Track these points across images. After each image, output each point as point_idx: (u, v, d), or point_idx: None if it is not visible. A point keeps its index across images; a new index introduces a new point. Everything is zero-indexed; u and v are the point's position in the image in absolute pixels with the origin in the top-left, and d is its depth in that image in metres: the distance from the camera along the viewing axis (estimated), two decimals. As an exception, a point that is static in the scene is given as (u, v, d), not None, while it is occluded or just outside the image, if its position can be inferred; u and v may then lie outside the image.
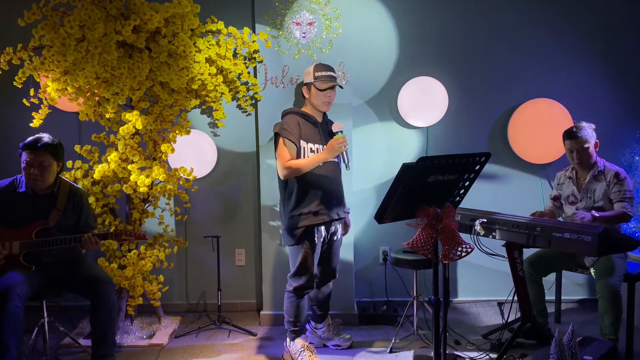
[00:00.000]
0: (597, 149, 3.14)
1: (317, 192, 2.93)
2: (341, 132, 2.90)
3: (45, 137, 2.86)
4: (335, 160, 3.07)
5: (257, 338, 3.48)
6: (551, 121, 3.72)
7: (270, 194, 3.62)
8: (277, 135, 2.95)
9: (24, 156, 2.81)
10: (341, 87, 3.13)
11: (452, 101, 3.84)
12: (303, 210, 2.92)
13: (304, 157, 2.94)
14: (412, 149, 3.93)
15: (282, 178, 2.92)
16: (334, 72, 3.04)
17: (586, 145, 3.09)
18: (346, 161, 2.88)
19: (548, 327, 3.31)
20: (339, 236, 3.15)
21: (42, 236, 2.82)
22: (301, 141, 2.94)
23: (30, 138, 2.84)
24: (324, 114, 3.12)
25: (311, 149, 2.97)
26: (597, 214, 2.90)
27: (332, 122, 3.04)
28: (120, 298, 3.39)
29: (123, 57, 3.11)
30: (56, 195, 2.92)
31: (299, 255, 2.97)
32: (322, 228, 2.98)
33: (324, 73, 2.99)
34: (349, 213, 3.28)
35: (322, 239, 3.00)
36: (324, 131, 3.06)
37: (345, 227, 3.26)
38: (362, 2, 3.80)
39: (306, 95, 3.05)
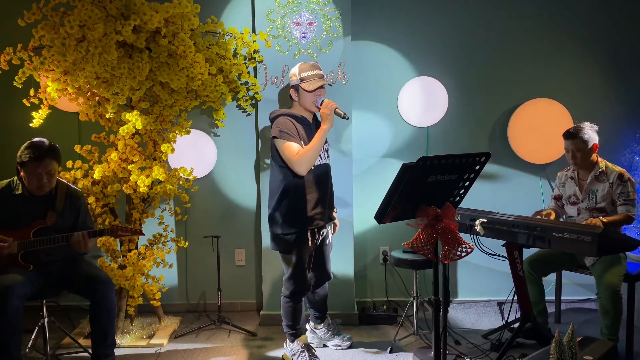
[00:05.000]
0: (596, 151, 3.13)
1: (313, 195, 2.91)
2: (323, 100, 2.88)
3: (45, 143, 2.81)
4: (327, 162, 3.04)
5: (257, 338, 3.48)
6: (551, 121, 3.73)
7: (270, 194, 3.62)
8: (275, 139, 2.88)
9: (31, 167, 2.76)
10: (330, 85, 3.09)
11: (452, 101, 3.84)
12: (298, 215, 2.89)
13: None
14: (412, 149, 3.93)
15: (302, 174, 2.84)
16: (320, 69, 2.97)
17: (582, 147, 3.09)
18: (342, 115, 2.83)
19: (548, 327, 3.31)
20: (330, 239, 3.14)
21: (40, 236, 2.82)
22: (301, 143, 2.90)
23: (32, 148, 2.75)
24: (315, 114, 3.06)
25: None
26: (605, 220, 2.90)
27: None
28: (120, 298, 3.39)
29: (123, 57, 3.11)
30: (54, 197, 2.92)
31: (292, 260, 2.95)
32: (315, 231, 2.96)
33: (310, 72, 2.91)
34: (336, 212, 3.25)
35: (314, 243, 2.98)
36: None
37: (334, 227, 3.23)
38: (362, 2, 3.80)
39: (295, 98, 2.97)
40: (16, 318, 2.62)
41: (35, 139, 2.84)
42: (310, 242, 2.93)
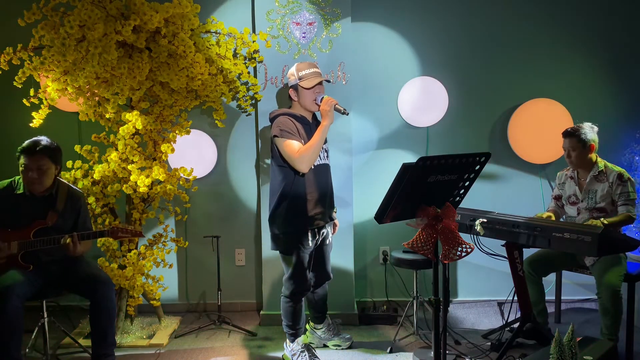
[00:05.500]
0: (594, 152, 3.12)
1: (313, 195, 2.91)
2: (323, 97, 2.89)
3: (44, 140, 2.84)
4: (327, 162, 3.05)
5: (257, 338, 3.48)
6: (551, 121, 3.72)
7: (270, 194, 3.62)
8: (275, 138, 2.88)
9: (23, 160, 2.79)
10: (329, 82, 3.08)
11: (452, 101, 3.84)
12: (299, 214, 2.90)
13: None
14: (412, 149, 3.93)
15: (303, 172, 2.84)
16: (317, 68, 2.97)
17: (578, 146, 3.09)
18: (342, 110, 2.87)
19: (548, 327, 3.31)
20: (330, 239, 3.14)
21: (40, 236, 2.82)
22: (302, 141, 2.90)
23: (29, 141, 2.82)
24: (314, 114, 3.06)
25: None
26: (606, 222, 2.90)
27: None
28: (120, 298, 3.39)
29: (123, 57, 3.11)
30: (54, 197, 2.91)
31: (292, 260, 2.94)
32: (315, 231, 2.97)
33: (308, 71, 2.92)
34: (336, 212, 3.26)
35: (314, 243, 2.98)
36: None
37: (334, 227, 3.23)
38: (362, 2, 3.80)
39: (294, 98, 2.97)
40: (16, 318, 2.62)
41: (39, 137, 2.86)
42: (310, 242, 2.93)
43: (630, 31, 3.86)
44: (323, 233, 3.03)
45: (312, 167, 2.90)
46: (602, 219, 2.94)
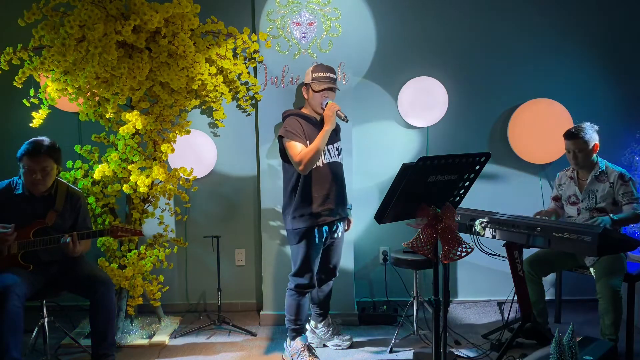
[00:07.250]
0: (597, 152, 3.12)
1: (321, 192, 2.95)
2: (328, 102, 2.95)
3: (46, 141, 2.84)
4: (339, 160, 3.08)
5: (257, 338, 3.48)
6: (551, 121, 3.72)
7: (270, 194, 3.62)
8: (281, 138, 2.94)
9: (26, 162, 2.79)
10: (338, 90, 3.12)
11: (452, 101, 3.84)
12: (306, 211, 2.93)
13: None
14: (412, 149, 3.93)
15: (303, 173, 2.90)
16: (333, 73, 3.03)
17: (583, 147, 3.08)
18: (343, 117, 2.91)
19: (548, 327, 3.31)
20: (340, 234, 3.15)
21: (40, 236, 2.82)
22: (307, 142, 2.94)
23: (31, 143, 2.81)
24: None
25: None
26: (615, 217, 2.89)
27: None
28: (120, 298, 3.39)
29: (123, 57, 3.11)
30: (54, 197, 2.92)
31: (300, 254, 2.98)
32: (325, 227, 2.99)
33: (321, 74, 2.98)
34: (350, 209, 3.29)
35: (323, 238, 3.01)
36: None
37: (348, 223, 3.26)
38: (362, 2, 3.80)
39: (305, 96, 3.06)
40: (16, 318, 2.62)
41: (39, 137, 2.85)
42: (317, 238, 2.96)
43: (631, 31, 3.85)
44: (333, 228, 3.05)
45: (321, 165, 2.96)
46: (611, 214, 2.93)
